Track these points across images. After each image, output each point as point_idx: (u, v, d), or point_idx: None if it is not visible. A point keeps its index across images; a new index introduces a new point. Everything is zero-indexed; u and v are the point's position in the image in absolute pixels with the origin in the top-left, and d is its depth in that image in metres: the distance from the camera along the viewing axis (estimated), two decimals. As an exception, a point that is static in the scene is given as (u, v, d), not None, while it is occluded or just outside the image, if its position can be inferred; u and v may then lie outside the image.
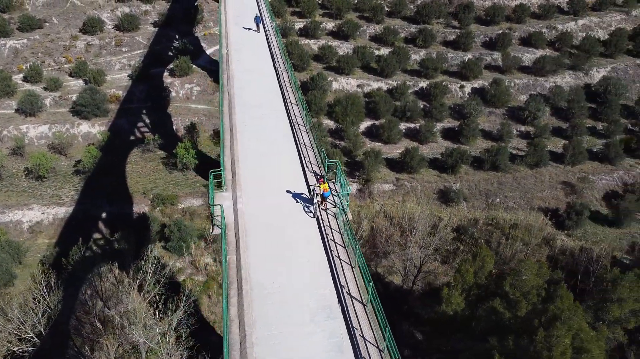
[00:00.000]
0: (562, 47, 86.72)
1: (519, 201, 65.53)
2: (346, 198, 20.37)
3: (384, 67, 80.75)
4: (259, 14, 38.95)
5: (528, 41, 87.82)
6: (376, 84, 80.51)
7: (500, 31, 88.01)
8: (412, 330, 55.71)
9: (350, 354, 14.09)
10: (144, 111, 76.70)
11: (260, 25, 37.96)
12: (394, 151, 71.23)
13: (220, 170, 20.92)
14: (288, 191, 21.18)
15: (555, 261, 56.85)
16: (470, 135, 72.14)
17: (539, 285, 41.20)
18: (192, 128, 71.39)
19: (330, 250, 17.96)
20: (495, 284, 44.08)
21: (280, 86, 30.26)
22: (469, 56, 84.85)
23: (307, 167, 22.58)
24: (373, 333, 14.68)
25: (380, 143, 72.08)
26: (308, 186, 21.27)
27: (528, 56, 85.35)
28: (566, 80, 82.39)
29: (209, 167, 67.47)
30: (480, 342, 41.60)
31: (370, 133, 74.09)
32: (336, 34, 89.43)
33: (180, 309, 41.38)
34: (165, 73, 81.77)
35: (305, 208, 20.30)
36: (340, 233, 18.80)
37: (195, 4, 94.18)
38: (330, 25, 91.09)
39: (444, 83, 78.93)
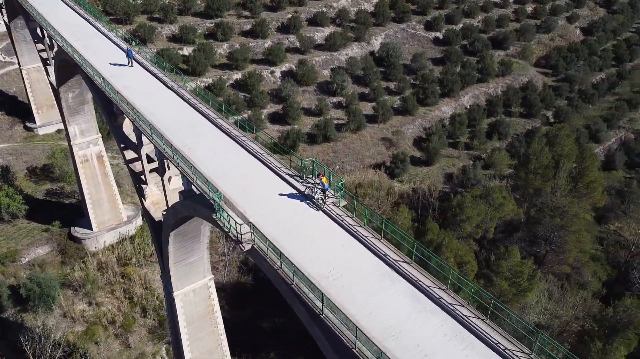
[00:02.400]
0: (342, 22, 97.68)
1: (353, 163, 74.09)
2: (340, 188, 22.91)
3: (194, 65, 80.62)
4: (128, 48, 36.34)
5: (314, 21, 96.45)
6: (192, 84, 79.95)
7: (289, 15, 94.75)
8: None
9: (425, 299, 17.44)
10: None
11: (132, 59, 35.49)
12: (232, 145, 72.88)
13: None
14: (280, 195, 22.56)
15: (398, 204, 66.78)
16: (295, 115, 77.80)
17: (410, 226, 49.19)
18: (5, 172, 62.10)
19: (355, 231, 20.55)
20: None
21: (189, 103, 29.92)
22: (268, 42, 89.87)
23: (278, 170, 24.10)
24: (430, 280, 18.13)
25: (217, 141, 72.92)
26: (294, 187, 22.95)
27: (319, 34, 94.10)
28: (355, 51, 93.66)
29: (41, 210, 60.35)
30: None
31: (204, 133, 74.11)
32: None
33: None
34: (-62, 117, 68.38)
35: (307, 205, 22.08)
36: (349, 216, 21.36)
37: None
38: (121, 31, 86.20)
39: (257, 72, 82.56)
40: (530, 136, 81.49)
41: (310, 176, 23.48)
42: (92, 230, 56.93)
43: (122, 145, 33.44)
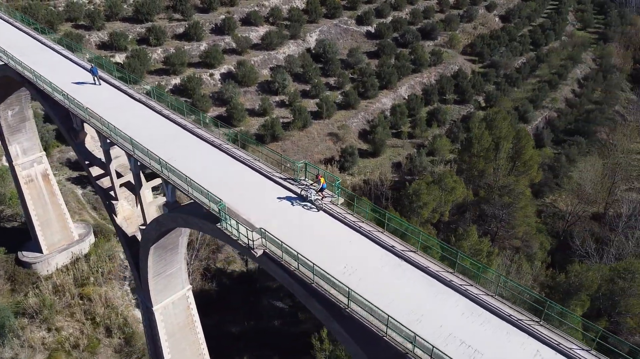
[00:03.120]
0: (276, 21, 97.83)
1: (303, 160, 74.85)
2: (337, 187, 23.59)
3: (129, 72, 77.86)
4: (92, 65, 34.73)
5: (248, 21, 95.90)
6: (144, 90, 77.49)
7: (222, 16, 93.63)
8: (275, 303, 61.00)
9: (437, 283, 18.63)
10: None
11: (98, 77, 34.39)
12: (180, 152, 71.45)
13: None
14: (279, 199, 22.80)
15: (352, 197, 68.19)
16: (240, 117, 77.40)
17: (371, 217, 50.79)
18: None
19: (359, 227, 21.34)
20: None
21: (162, 115, 29.17)
22: (204, 45, 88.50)
23: (270, 175, 24.28)
24: (437, 265, 19.42)
25: (163, 149, 71.19)
26: (290, 190, 23.31)
27: (254, 34, 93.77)
28: (292, 48, 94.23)
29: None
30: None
31: (148, 141, 72.05)
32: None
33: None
34: None
35: (304, 207, 22.50)
36: (349, 213, 22.13)
37: None
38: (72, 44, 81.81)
39: (195, 75, 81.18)
40: (466, 121, 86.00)
41: (303, 178, 24.06)
42: (42, 252, 54.07)
43: (86, 162, 32.25)
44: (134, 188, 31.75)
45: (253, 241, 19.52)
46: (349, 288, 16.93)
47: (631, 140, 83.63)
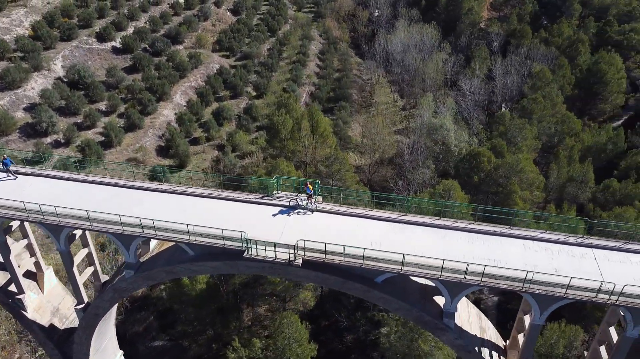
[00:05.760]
0: (4, 55, 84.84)
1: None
2: (318, 188, 25.16)
3: None
4: (5, 156, 27.54)
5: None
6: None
7: None
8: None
9: (438, 229, 23.42)
10: None
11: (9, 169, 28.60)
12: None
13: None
14: (273, 215, 23.09)
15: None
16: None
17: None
18: None
19: (354, 212, 23.80)
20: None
21: (86, 182, 24.64)
22: None
23: (246, 199, 24.07)
24: (428, 219, 23.84)
25: None
26: (276, 205, 23.76)
27: (-15, 75, 80.00)
28: (40, 82, 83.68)
29: None
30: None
31: None
32: None
33: None
34: None
35: (299, 214, 23.41)
36: (337, 205, 24.20)
37: None
38: None
39: None
40: (249, 112, 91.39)
41: (276, 191, 25.41)
42: None
43: (-38, 265, 26.13)
44: (35, 274, 27.75)
45: (295, 254, 20.83)
46: (403, 254, 20.35)
47: (381, 94, 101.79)
